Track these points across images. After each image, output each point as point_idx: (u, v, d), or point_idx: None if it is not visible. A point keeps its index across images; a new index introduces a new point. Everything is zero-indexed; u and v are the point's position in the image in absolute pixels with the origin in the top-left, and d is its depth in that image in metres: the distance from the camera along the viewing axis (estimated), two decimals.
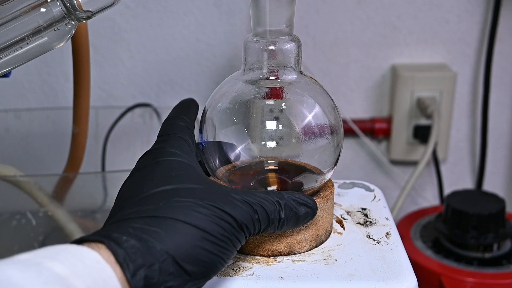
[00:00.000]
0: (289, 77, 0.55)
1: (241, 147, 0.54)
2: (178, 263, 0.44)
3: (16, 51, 0.52)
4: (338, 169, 0.58)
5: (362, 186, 0.66)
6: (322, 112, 0.55)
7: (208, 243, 0.45)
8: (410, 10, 0.97)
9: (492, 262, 0.83)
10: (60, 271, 0.39)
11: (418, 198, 1.05)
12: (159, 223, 0.45)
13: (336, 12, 0.96)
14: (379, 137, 1.02)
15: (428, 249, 0.86)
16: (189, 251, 0.45)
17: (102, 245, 0.43)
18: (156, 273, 0.43)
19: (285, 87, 0.55)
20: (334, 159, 0.56)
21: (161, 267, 0.43)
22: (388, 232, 0.58)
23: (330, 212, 0.57)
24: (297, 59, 0.55)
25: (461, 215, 0.84)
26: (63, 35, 0.53)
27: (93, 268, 0.41)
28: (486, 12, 0.97)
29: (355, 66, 0.99)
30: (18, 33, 0.52)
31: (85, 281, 0.39)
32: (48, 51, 0.54)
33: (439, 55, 0.99)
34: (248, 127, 0.54)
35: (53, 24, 0.52)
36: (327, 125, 0.55)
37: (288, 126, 0.54)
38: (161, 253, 0.44)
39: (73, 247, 0.42)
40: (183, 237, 0.45)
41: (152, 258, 0.43)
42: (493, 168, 1.05)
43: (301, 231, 0.54)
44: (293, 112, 0.54)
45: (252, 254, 0.54)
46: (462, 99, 1.02)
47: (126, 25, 0.95)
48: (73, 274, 0.39)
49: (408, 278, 0.52)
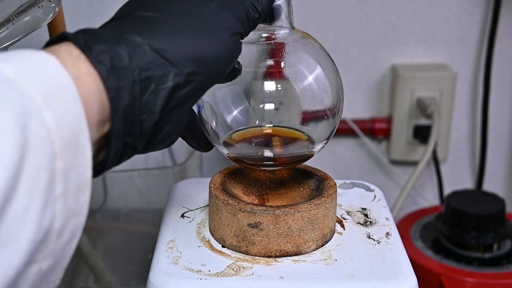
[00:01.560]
0: (282, 32, 0.55)
1: (238, 110, 0.55)
2: (157, 50, 0.41)
3: (3, 33, 0.52)
4: (338, 169, 0.58)
5: (362, 186, 0.66)
6: (322, 72, 0.55)
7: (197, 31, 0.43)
8: (410, 10, 0.97)
9: (492, 262, 0.83)
10: (10, 73, 0.35)
11: (418, 198, 1.05)
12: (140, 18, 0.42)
13: (336, 12, 0.96)
14: (379, 137, 1.02)
15: (428, 249, 0.86)
16: (171, 40, 0.42)
17: (66, 42, 0.39)
18: (125, 55, 0.40)
19: (278, 43, 0.55)
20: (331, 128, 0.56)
21: (132, 51, 0.40)
22: (388, 232, 0.58)
23: (334, 211, 0.57)
24: (288, 15, 0.55)
25: (461, 215, 0.84)
26: (47, 13, 0.53)
27: (47, 73, 0.36)
28: (486, 12, 0.97)
29: (355, 66, 0.99)
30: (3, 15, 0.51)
31: (38, 86, 0.35)
32: (34, 30, 0.53)
33: (439, 55, 0.99)
34: (246, 91, 0.55)
35: (37, 2, 0.52)
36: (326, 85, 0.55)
37: (289, 87, 0.54)
38: (133, 40, 0.40)
39: (29, 51, 0.37)
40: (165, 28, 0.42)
41: (120, 42, 0.40)
42: (493, 168, 1.05)
43: (308, 231, 0.54)
44: (293, 72, 0.55)
45: (259, 255, 0.54)
46: (462, 99, 1.01)
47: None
48: (24, 78, 0.35)
49: (408, 278, 0.52)
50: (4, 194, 0.32)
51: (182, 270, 0.52)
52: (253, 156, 0.56)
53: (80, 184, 0.37)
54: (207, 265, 0.53)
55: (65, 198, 0.36)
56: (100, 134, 0.40)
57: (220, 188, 0.56)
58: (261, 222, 0.53)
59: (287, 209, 0.53)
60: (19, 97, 0.34)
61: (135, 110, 0.41)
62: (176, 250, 0.55)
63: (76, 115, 0.36)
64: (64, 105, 0.36)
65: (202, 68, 0.43)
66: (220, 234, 0.55)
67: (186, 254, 0.54)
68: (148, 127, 0.42)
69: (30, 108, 0.34)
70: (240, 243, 0.54)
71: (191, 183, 0.67)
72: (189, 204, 0.62)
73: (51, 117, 0.35)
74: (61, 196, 0.35)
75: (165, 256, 0.54)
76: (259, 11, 0.48)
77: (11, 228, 0.32)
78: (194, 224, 0.59)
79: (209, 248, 0.55)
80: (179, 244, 0.56)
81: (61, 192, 0.35)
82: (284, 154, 0.56)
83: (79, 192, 0.37)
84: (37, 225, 0.34)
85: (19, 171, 0.33)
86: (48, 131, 0.35)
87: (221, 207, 0.55)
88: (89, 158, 0.37)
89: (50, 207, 0.35)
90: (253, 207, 0.53)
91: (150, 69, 0.41)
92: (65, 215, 0.36)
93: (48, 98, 0.35)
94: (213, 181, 0.58)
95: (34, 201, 0.34)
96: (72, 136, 0.36)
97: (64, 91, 0.36)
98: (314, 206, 0.54)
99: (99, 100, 0.39)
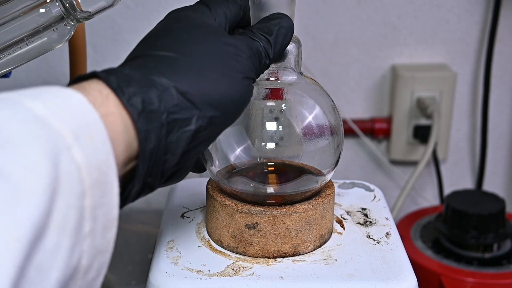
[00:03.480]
0: (289, 78, 0.55)
1: (240, 148, 0.55)
2: (183, 94, 0.42)
3: (15, 51, 0.52)
4: (338, 169, 0.58)
5: (362, 186, 0.66)
6: (322, 113, 0.55)
7: (218, 74, 0.44)
8: (410, 10, 0.97)
9: (492, 262, 0.83)
10: (40, 111, 0.35)
11: (418, 198, 1.05)
12: (164, 58, 0.43)
13: (336, 12, 0.96)
14: (379, 137, 1.02)
15: (428, 249, 0.86)
16: (195, 83, 0.42)
17: (95, 80, 0.40)
18: (155, 99, 0.40)
19: (285, 88, 0.55)
20: (335, 160, 0.56)
21: (161, 95, 0.41)
22: (388, 232, 0.58)
23: (332, 212, 0.57)
24: (297, 60, 0.55)
25: (461, 215, 0.84)
26: (62, 36, 0.53)
27: (76, 110, 0.36)
28: (486, 12, 0.97)
29: (355, 66, 0.99)
30: (17, 34, 0.52)
31: (67, 123, 0.35)
32: (47, 51, 0.54)
33: (439, 55, 0.99)
34: (247, 128, 0.54)
35: (52, 25, 0.52)
36: (327, 126, 0.55)
37: (288, 127, 0.54)
38: (160, 82, 0.41)
39: (57, 88, 0.37)
40: (189, 70, 0.43)
41: (150, 84, 0.41)
42: (493, 168, 1.05)
43: (306, 232, 0.54)
44: (293, 113, 0.55)
45: (257, 256, 0.54)
46: (462, 99, 1.01)
47: (126, 25, 0.95)
48: (54, 114, 0.35)
49: (408, 278, 0.52)
50: (36, 231, 0.32)
51: (182, 270, 0.52)
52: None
53: (107, 222, 0.37)
54: (207, 265, 0.53)
55: (92, 236, 0.36)
56: (123, 173, 0.41)
57: (217, 189, 0.56)
58: (259, 223, 0.53)
59: (284, 210, 0.53)
60: (50, 134, 0.34)
61: (160, 152, 0.41)
62: (176, 250, 0.55)
63: (104, 152, 0.37)
64: (93, 142, 0.36)
65: (221, 111, 0.44)
66: (217, 235, 0.55)
67: (186, 254, 0.54)
68: (169, 168, 0.43)
69: (61, 145, 0.34)
70: (238, 244, 0.54)
71: (191, 183, 0.67)
72: (189, 204, 0.62)
73: (81, 155, 0.35)
74: (89, 234, 0.36)
75: (165, 256, 0.54)
76: (271, 57, 0.49)
77: (42, 266, 0.32)
78: (194, 224, 0.59)
79: (209, 248, 0.55)
80: (179, 244, 0.56)
81: (89, 230, 0.36)
82: (287, 191, 0.56)
83: (106, 230, 0.37)
84: (66, 264, 0.34)
85: (51, 209, 0.33)
86: (78, 168, 0.35)
87: (218, 208, 0.55)
88: (117, 195, 0.38)
89: (78, 245, 0.35)
90: (250, 207, 0.53)
91: (176, 112, 0.41)
92: (92, 253, 0.36)
93: (77, 136, 0.35)
94: (211, 182, 0.58)
95: (64, 239, 0.34)
96: (101, 173, 0.36)
97: (93, 129, 0.37)
98: (311, 207, 0.54)
99: (125, 140, 0.40)
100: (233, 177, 0.55)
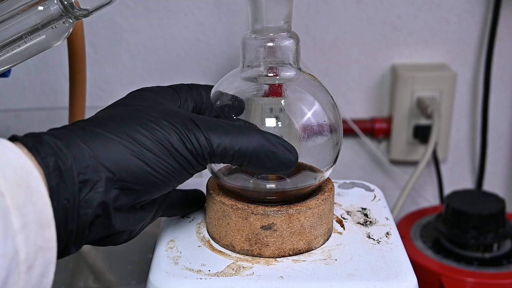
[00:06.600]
0: (288, 73, 0.55)
1: None
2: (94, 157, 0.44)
3: (14, 49, 0.52)
4: (338, 169, 0.58)
5: (362, 186, 0.66)
6: (322, 109, 0.55)
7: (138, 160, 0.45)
8: (410, 10, 0.97)
9: (492, 262, 0.83)
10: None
11: (418, 198, 1.05)
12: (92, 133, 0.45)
13: (336, 12, 0.96)
14: (379, 137, 1.02)
15: (428, 249, 0.86)
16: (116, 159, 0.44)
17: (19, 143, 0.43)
18: (69, 161, 0.43)
19: (284, 84, 0.55)
20: (334, 157, 0.56)
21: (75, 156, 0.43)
22: (388, 232, 0.58)
23: (332, 210, 0.57)
24: (295, 55, 0.55)
25: (461, 215, 0.84)
26: (60, 33, 0.53)
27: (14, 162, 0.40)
28: (486, 12, 0.97)
29: (355, 66, 0.99)
30: (15, 32, 0.52)
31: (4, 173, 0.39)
32: (46, 49, 0.54)
33: (439, 55, 0.99)
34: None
35: (51, 22, 0.52)
36: (326, 123, 0.54)
37: (287, 123, 0.54)
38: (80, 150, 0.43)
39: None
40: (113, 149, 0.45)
41: (67, 150, 0.43)
42: (493, 168, 1.05)
43: (318, 227, 0.54)
44: (292, 110, 0.54)
45: (273, 257, 0.54)
46: (462, 99, 1.02)
47: (126, 25, 0.95)
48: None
49: (408, 278, 0.52)
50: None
51: (182, 270, 0.52)
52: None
53: (41, 220, 0.40)
54: (207, 265, 0.53)
55: (27, 232, 0.39)
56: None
57: (222, 194, 0.56)
58: (275, 223, 0.53)
59: (299, 207, 0.53)
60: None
61: (74, 207, 0.43)
62: (176, 250, 0.55)
63: (19, 162, 0.40)
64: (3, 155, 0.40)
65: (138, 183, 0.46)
66: (228, 240, 0.55)
67: (186, 254, 0.54)
68: (85, 224, 0.44)
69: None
70: (253, 247, 0.54)
71: (191, 183, 0.67)
72: None
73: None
74: (21, 229, 0.39)
75: (165, 256, 0.54)
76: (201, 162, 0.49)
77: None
78: (194, 224, 0.59)
79: (209, 248, 0.55)
80: (179, 244, 0.56)
81: (20, 225, 0.39)
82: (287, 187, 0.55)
83: (42, 227, 0.40)
84: (1, 253, 0.38)
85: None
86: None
87: (229, 213, 0.54)
88: (46, 196, 0.41)
89: (10, 238, 0.38)
90: (265, 208, 0.53)
91: (87, 173, 0.44)
92: (32, 249, 0.40)
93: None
94: (211, 187, 0.57)
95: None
96: (21, 178, 0.40)
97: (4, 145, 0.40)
98: (322, 202, 0.54)
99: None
100: (233, 174, 0.55)
